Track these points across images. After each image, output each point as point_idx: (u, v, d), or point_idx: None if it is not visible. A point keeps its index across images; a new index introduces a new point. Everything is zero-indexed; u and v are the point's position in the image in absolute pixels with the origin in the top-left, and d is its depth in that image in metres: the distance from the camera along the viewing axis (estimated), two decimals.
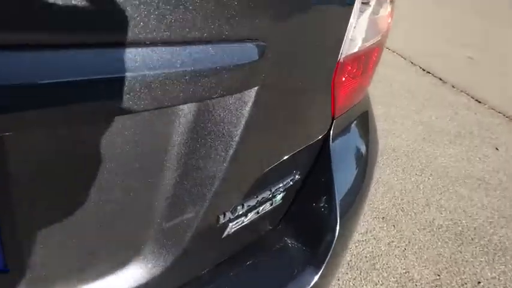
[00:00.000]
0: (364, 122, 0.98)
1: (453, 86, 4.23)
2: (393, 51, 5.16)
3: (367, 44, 0.72)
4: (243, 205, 0.73)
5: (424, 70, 4.67)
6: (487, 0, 11.30)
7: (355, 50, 0.69)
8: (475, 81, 4.40)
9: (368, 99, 1.03)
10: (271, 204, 0.82)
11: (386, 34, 0.83)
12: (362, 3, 0.66)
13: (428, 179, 2.43)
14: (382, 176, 2.36)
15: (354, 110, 0.88)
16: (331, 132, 0.82)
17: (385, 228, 1.94)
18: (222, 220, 0.70)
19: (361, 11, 0.67)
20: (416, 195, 2.25)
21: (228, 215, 0.71)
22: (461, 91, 4.11)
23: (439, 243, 1.91)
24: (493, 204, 2.26)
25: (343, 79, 0.71)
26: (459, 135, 3.09)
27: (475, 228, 2.04)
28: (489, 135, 3.15)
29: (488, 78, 4.63)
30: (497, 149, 2.96)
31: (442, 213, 2.12)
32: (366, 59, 0.76)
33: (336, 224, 0.84)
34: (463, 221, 2.08)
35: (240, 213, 0.74)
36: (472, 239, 1.97)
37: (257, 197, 0.76)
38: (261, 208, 0.79)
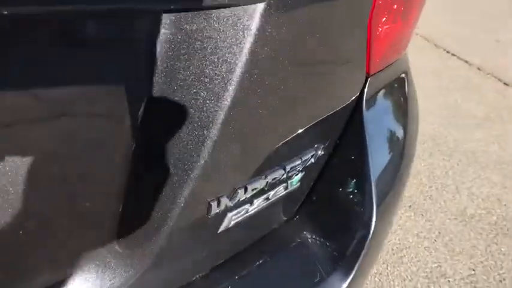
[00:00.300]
0: (404, 86, 0.80)
1: (479, 69, 3.98)
2: (416, 34, 4.90)
3: None
4: (245, 188, 0.54)
5: (448, 52, 4.42)
6: None
7: None
8: (503, 63, 4.14)
9: (407, 58, 0.85)
10: (286, 188, 0.63)
11: None
12: None
13: (458, 164, 2.24)
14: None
15: (392, 68, 0.71)
16: (365, 94, 0.65)
17: (412, 217, 1.77)
18: (215, 208, 0.52)
19: None
20: (446, 181, 2.07)
21: (224, 201, 0.53)
22: (488, 74, 3.86)
23: (472, 234, 1.74)
24: None
25: (383, 19, 0.55)
26: (488, 119, 2.88)
27: (511, 218, 1.86)
28: None
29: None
30: None
31: (473, 202, 1.94)
32: None
33: (372, 215, 0.67)
34: (497, 210, 1.90)
35: (242, 199, 0.55)
36: (508, 229, 1.79)
37: (266, 177, 0.57)
38: (271, 193, 0.60)
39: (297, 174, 0.62)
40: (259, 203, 0.59)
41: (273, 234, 0.70)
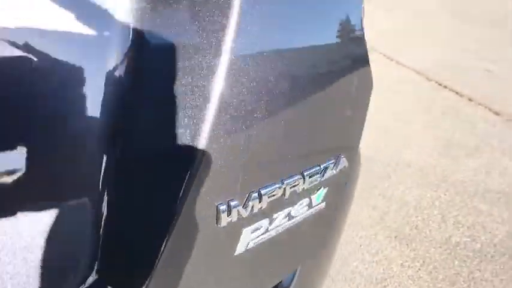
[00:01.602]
0: None
1: (470, 100, 4.12)
2: (407, 67, 5.10)
3: None
4: (259, 193, 0.47)
5: (440, 84, 4.58)
6: (500, 12, 11.11)
7: None
8: (493, 93, 4.28)
9: None
10: (310, 206, 0.58)
11: None
12: None
13: (445, 194, 2.34)
14: (395, 192, 2.29)
15: None
16: None
17: (397, 247, 1.86)
18: (225, 216, 0.44)
19: None
20: (432, 211, 2.16)
21: (236, 206, 0.45)
22: (479, 104, 3.99)
23: (456, 262, 1.82)
24: None
25: None
26: (477, 149, 2.98)
27: (495, 245, 1.94)
28: (509, 147, 3.03)
29: (507, 90, 4.49)
30: None
31: (459, 230, 2.03)
32: None
33: None
34: (482, 237, 1.98)
35: (258, 208, 0.48)
36: (492, 256, 1.87)
37: (282, 182, 0.51)
38: (293, 209, 0.54)
39: (319, 188, 0.58)
40: (280, 220, 0.53)
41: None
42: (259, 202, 0.47)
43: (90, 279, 0.45)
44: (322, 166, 0.55)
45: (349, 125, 0.60)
